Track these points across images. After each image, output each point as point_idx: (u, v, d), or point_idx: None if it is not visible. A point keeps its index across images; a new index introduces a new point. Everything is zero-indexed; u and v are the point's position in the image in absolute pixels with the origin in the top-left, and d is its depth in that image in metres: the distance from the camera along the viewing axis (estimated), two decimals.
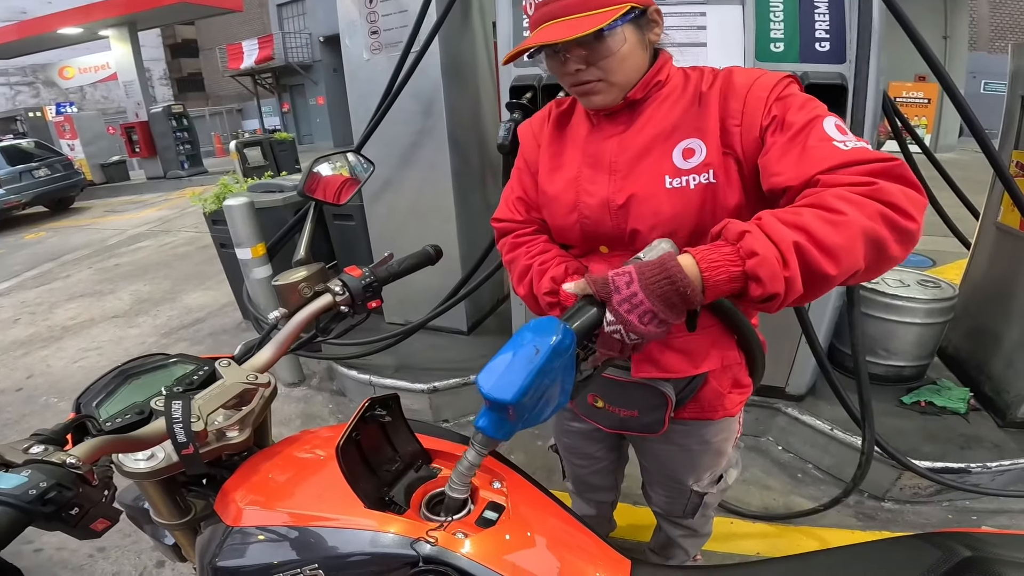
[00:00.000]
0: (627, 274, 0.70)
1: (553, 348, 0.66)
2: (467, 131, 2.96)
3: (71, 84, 17.39)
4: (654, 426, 1.09)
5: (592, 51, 0.87)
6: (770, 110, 0.83)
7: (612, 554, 0.79)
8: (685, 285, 0.67)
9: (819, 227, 0.66)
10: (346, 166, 1.24)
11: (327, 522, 0.74)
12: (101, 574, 2.07)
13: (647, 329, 0.68)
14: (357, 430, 0.82)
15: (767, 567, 0.80)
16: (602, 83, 0.90)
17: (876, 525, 2.07)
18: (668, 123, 0.92)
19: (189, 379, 0.86)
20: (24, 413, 3.36)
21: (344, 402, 3.19)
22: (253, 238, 2.91)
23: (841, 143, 0.75)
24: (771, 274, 0.65)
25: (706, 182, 0.88)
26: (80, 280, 6.12)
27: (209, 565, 0.80)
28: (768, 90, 0.85)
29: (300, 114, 22.42)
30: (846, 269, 0.67)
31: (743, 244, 0.67)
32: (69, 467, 0.60)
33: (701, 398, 1.08)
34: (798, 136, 0.79)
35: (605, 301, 0.70)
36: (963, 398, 2.33)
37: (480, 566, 0.68)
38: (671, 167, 0.90)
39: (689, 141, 0.90)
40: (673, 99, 0.93)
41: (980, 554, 0.66)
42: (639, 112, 0.95)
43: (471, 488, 0.79)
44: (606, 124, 0.98)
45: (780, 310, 0.72)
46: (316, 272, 1.00)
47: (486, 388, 0.66)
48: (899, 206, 0.68)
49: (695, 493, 1.26)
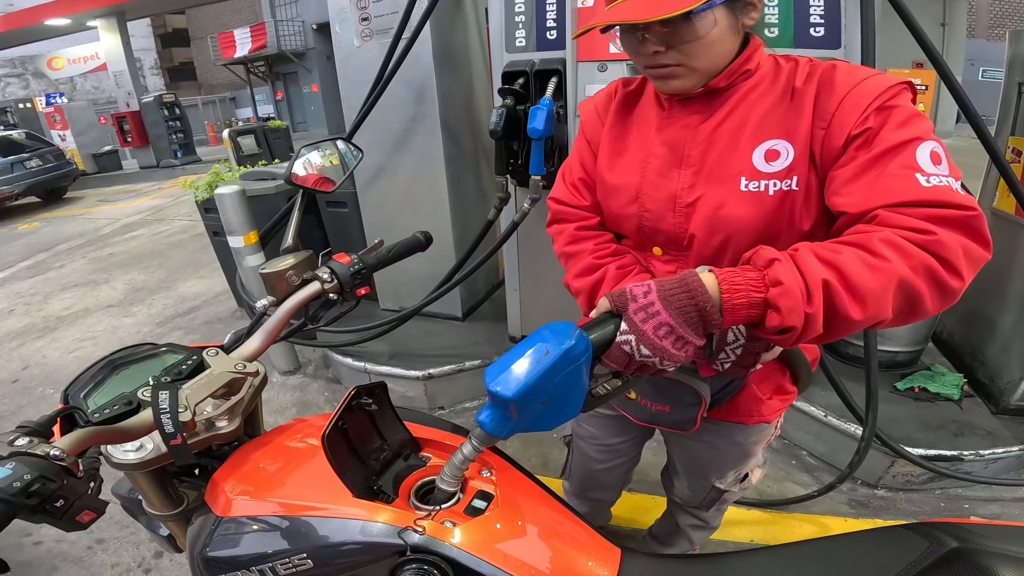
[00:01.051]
0: (645, 285, 0.68)
1: (564, 352, 0.64)
2: (460, 117, 2.94)
3: (60, 75, 17.26)
4: (685, 424, 1.03)
5: (676, 33, 0.77)
6: (866, 119, 0.73)
7: (602, 543, 0.79)
8: (704, 301, 0.65)
9: (855, 269, 0.63)
10: (335, 154, 1.23)
11: (316, 511, 0.74)
12: (100, 565, 2.07)
13: (661, 344, 0.65)
14: (344, 419, 0.81)
15: (754, 556, 0.80)
16: (682, 68, 0.81)
17: (868, 512, 2.09)
18: (752, 118, 0.83)
19: (177, 369, 0.85)
20: (21, 405, 3.36)
21: (340, 389, 3.19)
22: (245, 226, 2.90)
23: (924, 177, 0.68)
24: (791, 307, 0.63)
25: (787, 189, 0.80)
26: (74, 270, 6.09)
27: (199, 556, 0.80)
28: (872, 97, 0.74)
29: (294, 102, 22.23)
30: (872, 316, 0.64)
31: (770, 271, 0.65)
32: (53, 459, 0.60)
33: (738, 401, 1.02)
34: (883, 157, 0.71)
35: (621, 311, 0.68)
36: (957, 384, 2.34)
37: (468, 555, 0.68)
38: (750, 168, 0.82)
39: (775, 142, 0.81)
40: (760, 91, 0.84)
41: (967, 545, 0.66)
42: (721, 101, 0.86)
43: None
44: (679, 110, 0.89)
45: (795, 346, 0.70)
46: (304, 260, 0.99)
47: (490, 382, 0.65)
48: (951, 262, 0.64)
49: (715, 488, 1.24)
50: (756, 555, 0.79)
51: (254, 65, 21.43)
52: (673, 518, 1.46)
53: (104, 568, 2.06)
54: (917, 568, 0.65)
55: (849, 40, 1.73)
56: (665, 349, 0.66)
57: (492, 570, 0.68)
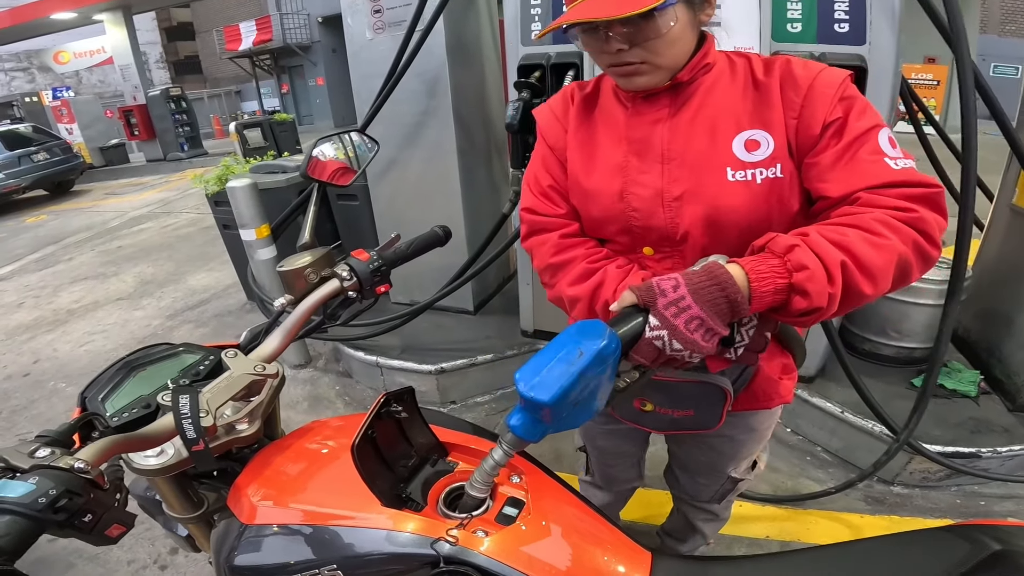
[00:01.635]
0: (673, 279, 0.69)
1: (598, 352, 0.63)
2: (472, 110, 2.92)
3: (67, 69, 17.30)
4: (710, 422, 1.02)
5: (639, 31, 0.78)
6: (834, 109, 0.79)
7: (633, 547, 0.78)
8: (734, 292, 0.67)
9: (863, 249, 0.69)
10: (350, 146, 1.20)
11: (345, 521, 0.73)
12: (116, 562, 2.08)
13: (692, 337, 0.67)
14: (372, 427, 0.80)
15: (789, 558, 0.78)
16: (647, 65, 0.82)
17: (884, 509, 2.07)
18: (724, 110, 0.85)
19: (195, 370, 0.84)
20: (33, 399, 3.37)
21: (351, 383, 3.19)
22: (257, 219, 2.90)
23: (892, 160, 0.76)
24: (818, 290, 0.67)
25: (774, 177, 0.83)
26: (83, 263, 6.12)
27: (225, 563, 0.78)
28: (835, 87, 0.80)
29: (300, 95, 22.20)
30: (880, 290, 0.71)
31: (791, 257, 0.69)
32: (78, 472, 0.58)
33: (755, 388, 1.03)
34: (853, 145, 0.77)
35: (649, 306, 0.68)
36: (974, 381, 2.31)
37: (502, 564, 0.67)
38: (732, 158, 0.84)
39: (753, 132, 0.84)
40: (723, 84, 0.87)
41: (1009, 548, 0.65)
42: (686, 96, 0.88)
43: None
44: (645, 107, 0.90)
45: (810, 325, 0.75)
46: (322, 257, 0.97)
47: (524, 387, 0.64)
48: (931, 235, 0.73)
49: (730, 479, 1.24)
50: (791, 557, 0.78)
51: (259, 58, 21.40)
52: (683, 515, 1.45)
53: (120, 565, 2.07)
54: (959, 571, 0.65)
55: (874, 37, 1.71)
56: (696, 342, 0.67)
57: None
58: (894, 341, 2.39)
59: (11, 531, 0.52)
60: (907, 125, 2.42)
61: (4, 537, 0.52)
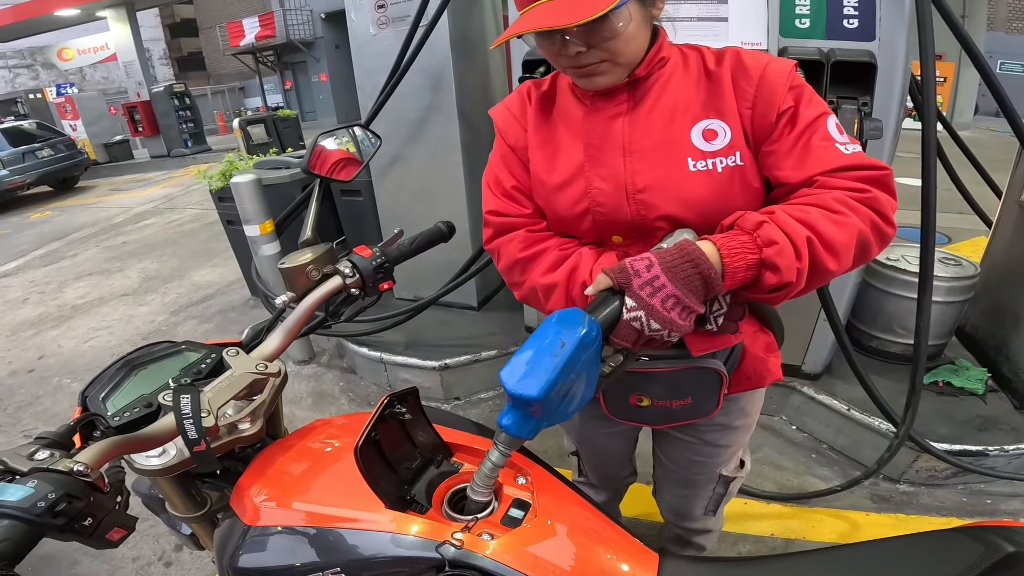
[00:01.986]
0: (646, 259, 0.70)
1: (580, 340, 0.63)
2: (476, 105, 2.91)
3: (70, 65, 17.35)
4: (708, 408, 1.03)
5: (595, 32, 0.78)
6: (785, 98, 0.82)
7: (641, 548, 0.77)
8: (708, 268, 0.69)
9: (826, 226, 0.72)
10: (352, 141, 1.19)
11: (348, 523, 0.72)
12: (121, 559, 2.08)
13: (669, 316, 0.68)
14: (375, 429, 0.79)
15: (804, 559, 0.77)
16: (606, 64, 0.83)
17: (891, 507, 2.06)
18: (680, 102, 0.87)
19: (196, 368, 0.83)
20: (37, 395, 3.37)
21: (355, 379, 3.19)
22: (261, 215, 2.90)
23: (842, 146, 0.79)
24: (787, 264, 0.70)
25: (734, 165, 0.84)
26: (88, 258, 6.14)
27: (229, 564, 0.78)
28: (785, 76, 0.82)
29: (303, 91, 22.21)
30: (843, 267, 0.74)
31: (761, 233, 0.71)
32: (77, 475, 0.57)
33: (745, 368, 1.03)
34: (805, 132, 0.80)
35: (624, 288, 0.69)
36: (981, 379, 2.30)
37: (508, 568, 0.66)
38: (692, 149, 0.85)
39: (709, 122, 0.85)
40: (678, 77, 0.88)
41: (1023, 549, 0.65)
42: (643, 90, 0.89)
43: (495, 487, 0.76)
44: (603, 103, 0.90)
45: (779, 303, 0.78)
46: (324, 253, 0.95)
47: (510, 384, 0.63)
48: (886, 215, 0.77)
49: (723, 480, 1.22)
50: (802, 558, 0.77)
51: (263, 55, 21.40)
52: (675, 532, 1.44)
53: (125, 561, 2.07)
54: (974, 572, 0.64)
55: (884, 33, 1.69)
56: (673, 321, 0.68)
57: None
58: (901, 338, 2.37)
59: (10, 536, 0.52)
60: (915, 122, 2.40)
61: (3, 542, 0.51)
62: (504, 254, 1.00)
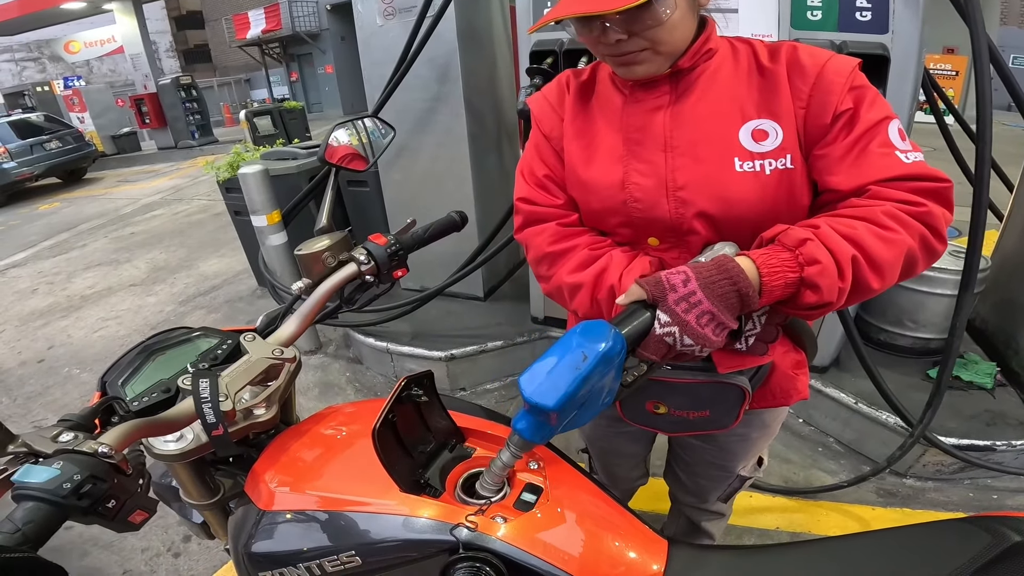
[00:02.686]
0: (682, 273, 0.68)
1: (602, 355, 0.63)
2: (483, 96, 2.91)
3: (77, 58, 17.41)
4: (726, 422, 1.00)
5: (637, 20, 0.74)
6: (844, 99, 0.76)
7: (650, 535, 0.77)
8: (746, 287, 0.67)
9: (873, 244, 0.69)
10: (364, 132, 1.19)
11: (364, 507, 0.72)
12: (131, 550, 2.10)
13: (703, 332, 0.66)
14: (393, 411, 0.79)
15: (808, 547, 0.78)
16: (647, 52, 0.79)
17: (897, 502, 2.06)
18: (727, 98, 0.82)
19: (213, 354, 0.83)
20: (47, 385, 3.40)
21: (361, 370, 3.20)
22: (268, 205, 2.92)
23: (903, 154, 0.75)
24: (829, 284, 0.67)
25: (783, 168, 0.80)
26: (96, 249, 6.17)
27: (244, 549, 0.78)
28: (845, 75, 0.77)
29: (309, 83, 22.20)
30: (886, 284, 0.71)
31: (803, 251, 0.68)
32: (102, 456, 0.58)
33: (772, 385, 1.00)
34: (863, 137, 0.75)
35: (658, 301, 0.67)
36: (990, 373, 2.29)
37: (519, 551, 0.67)
38: (739, 148, 0.81)
39: (760, 122, 0.80)
40: (727, 72, 0.83)
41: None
42: (687, 83, 0.84)
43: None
44: (644, 94, 0.86)
45: (815, 319, 0.76)
46: (339, 240, 0.96)
47: (528, 392, 0.64)
48: (938, 230, 0.72)
49: (739, 478, 1.21)
50: (810, 547, 0.77)
51: (269, 47, 21.39)
52: (685, 517, 1.42)
53: (134, 552, 2.09)
54: (980, 562, 0.64)
55: (897, 25, 1.67)
56: (707, 337, 0.66)
57: (544, 565, 0.66)
58: (910, 331, 2.36)
59: (35, 518, 0.52)
60: (927, 115, 2.39)
61: (28, 524, 0.52)
62: (533, 246, 0.98)
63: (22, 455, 0.59)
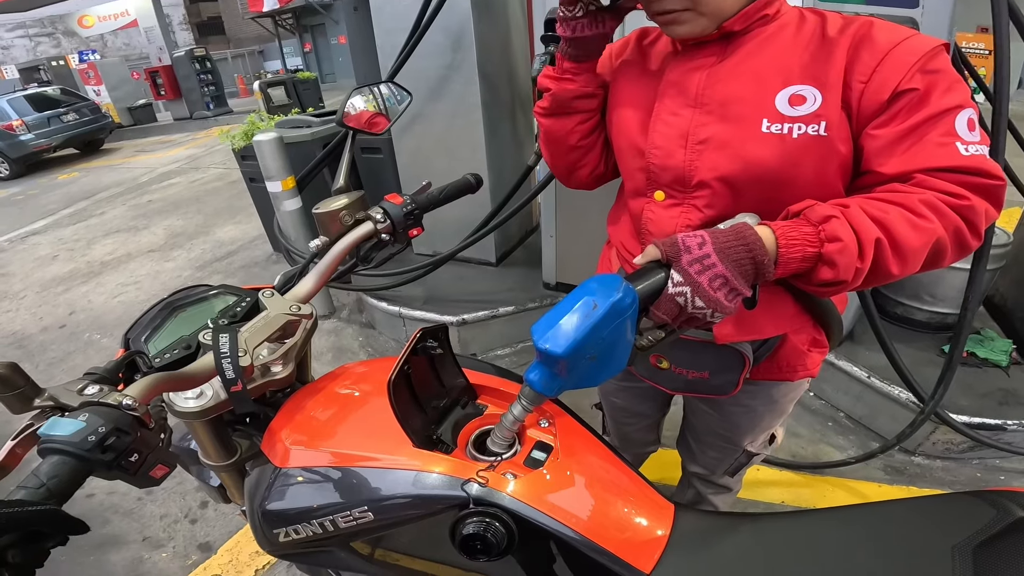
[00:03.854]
0: (699, 236, 0.68)
1: (613, 305, 0.63)
2: (496, 64, 2.88)
3: (91, 32, 17.39)
4: (725, 388, 1.01)
5: None
6: (911, 78, 0.71)
7: (657, 499, 0.78)
8: (762, 255, 0.67)
9: (902, 229, 0.68)
10: (381, 97, 1.20)
11: (377, 463, 0.73)
12: (150, 517, 2.16)
13: (715, 296, 0.66)
14: (408, 363, 0.79)
15: (810, 516, 0.78)
16: (689, 13, 0.77)
17: (904, 480, 2.05)
18: (776, 63, 0.79)
19: (232, 311, 0.84)
20: (69, 351, 3.48)
21: (373, 334, 3.24)
22: (283, 172, 2.95)
23: (964, 146, 0.70)
24: (847, 263, 0.67)
25: (814, 134, 0.76)
26: (115, 216, 6.25)
27: (259, 507, 0.80)
28: (917, 56, 0.71)
29: (322, 54, 22.06)
30: (907, 272, 0.70)
31: (826, 228, 0.68)
32: (126, 408, 0.58)
33: (779, 358, 1.00)
34: (926, 123, 0.71)
35: (673, 261, 0.67)
36: (1006, 350, 2.26)
37: (528, 507, 0.68)
38: (772, 111, 0.78)
39: (800, 88, 0.77)
40: (785, 39, 0.80)
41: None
42: (737, 45, 0.82)
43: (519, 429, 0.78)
44: (694, 52, 0.85)
45: (828, 297, 0.76)
46: (356, 200, 0.98)
47: (539, 339, 0.64)
48: (976, 226, 0.70)
49: (745, 453, 1.21)
50: (814, 515, 0.78)
51: (282, 18, 21.19)
52: (694, 488, 1.43)
53: (153, 519, 2.15)
54: (984, 536, 0.64)
55: (927, 1, 1.61)
56: (719, 301, 0.66)
57: (551, 522, 0.68)
58: (927, 306, 2.33)
59: (59, 472, 0.52)
60: None
61: (52, 479, 0.52)
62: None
63: (49, 409, 0.60)
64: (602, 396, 1.39)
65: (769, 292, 0.89)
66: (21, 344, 3.63)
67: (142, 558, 1.99)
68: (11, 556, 0.50)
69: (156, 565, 1.96)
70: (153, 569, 1.95)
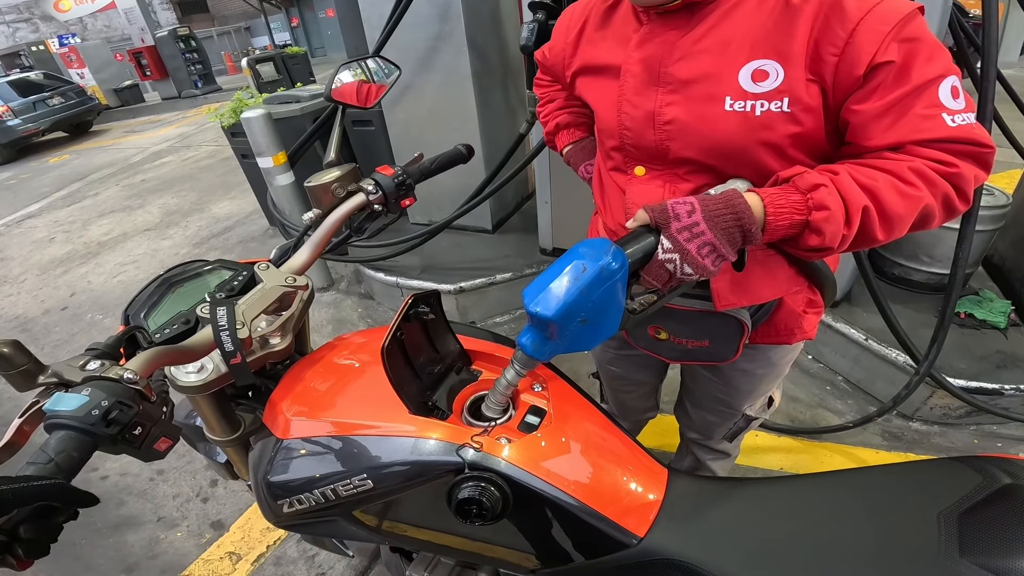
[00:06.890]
0: (688, 203, 0.68)
1: (601, 268, 0.63)
2: (487, 33, 2.84)
3: (69, 16, 17.11)
4: (726, 354, 1.01)
5: None
6: (887, 49, 0.67)
7: (651, 463, 0.79)
8: (750, 223, 0.67)
9: (890, 197, 0.68)
10: (369, 72, 1.18)
11: (375, 431, 0.74)
12: (163, 496, 2.20)
13: (703, 262, 0.67)
14: (401, 329, 0.80)
15: (801, 482, 0.79)
16: None
17: (901, 446, 2.05)
18: (738, 35, 0.75)
19: (230, 285, 0.84)
20: (72, 332, 3.49)
21: (372, 305, 3.26)
22: (273, 147, 2.93)
23: (950, 116, 0.68)
24: (834, 230, 0.68)
25: (777, 111, 0.74)
26: (109, 197, 6.22)
27: (263, 479, 0.81)
28: (891, 24, 0.67)
29: (311, 28, 21.66)
30: (892, 237, 0.71)
31: (814, 196, 0.68)
32: (127, 382, 0.59)
33: (776, 321, 1.00)
34: (908, 97, 0.68)
35: (662, 227, 0.68)
36: (1004, 312, 2.24)
37: (523, 471, 0.69)
38: (735, 87, 0.75)
39: (763, 62, 0.74)
40: (748, 9, 0.75)
41: (1020, 482, 0.65)
42: (701, 16, 0.78)
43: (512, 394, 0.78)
44: (658, 25, 0.82)
45: (814, 261, 0.77)
46: (348, 172, 0.97)
47: (529, 302, 0.64)
48: (965, 191, 0.71)
49: (744, 417, 1.22)
50: (803, 481, 0.78)
51: None
52: (692, 454, 1.44)
53: (166, 499, 2.18)
54: (970, 502, 0.65)
55: None
56: (706, 267, 0.67)
57: (545, 486, 0.69)
58: (925, 266, 2.31)
59: (66, 447, 0.53)
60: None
61: (60, 454, 0.53)
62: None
63: (53, 385, 0.61)
64: (599, 365, 1.40)
65: (765, 256, 0.90)
66: (25, 327, 3.64)
67: (158, 538, 2.03)
68: (23, 531, 0.51)
69: (172, 544, 2.00)
70: (169, 548, 1.98)
